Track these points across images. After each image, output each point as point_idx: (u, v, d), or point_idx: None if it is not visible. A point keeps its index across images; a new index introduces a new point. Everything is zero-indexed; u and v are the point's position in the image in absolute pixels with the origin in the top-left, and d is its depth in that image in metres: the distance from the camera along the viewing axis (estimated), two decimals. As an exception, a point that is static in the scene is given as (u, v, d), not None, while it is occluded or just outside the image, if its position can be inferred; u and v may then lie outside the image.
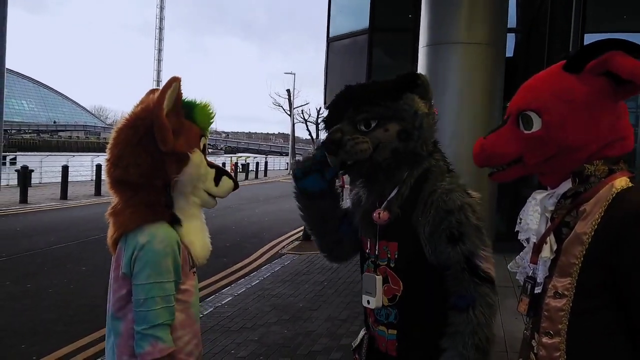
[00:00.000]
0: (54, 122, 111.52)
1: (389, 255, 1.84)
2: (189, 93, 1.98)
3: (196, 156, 1.89)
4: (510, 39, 10.21)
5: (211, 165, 1.99)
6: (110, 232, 1.90)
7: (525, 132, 1.44)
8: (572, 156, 1.40)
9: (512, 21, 10.42)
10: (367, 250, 1.95)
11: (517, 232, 1.62)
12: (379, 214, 1.83)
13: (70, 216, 12.80)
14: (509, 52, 9.86)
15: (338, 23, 12.38)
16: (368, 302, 1.86)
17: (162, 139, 1.79)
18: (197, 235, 1.96)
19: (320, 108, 49.05)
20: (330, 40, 12.28)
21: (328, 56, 12.32)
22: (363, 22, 11.25)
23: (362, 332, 2.01)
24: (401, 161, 1.81)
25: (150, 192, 1.84)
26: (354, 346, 2.02)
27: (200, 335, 2.01)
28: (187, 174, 1.86)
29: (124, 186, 1.87)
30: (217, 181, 1.98)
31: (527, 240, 1.54)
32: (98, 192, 17.09)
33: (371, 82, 1.94)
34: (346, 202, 2.10)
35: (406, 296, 1.80)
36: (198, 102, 1.96)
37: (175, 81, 1.83)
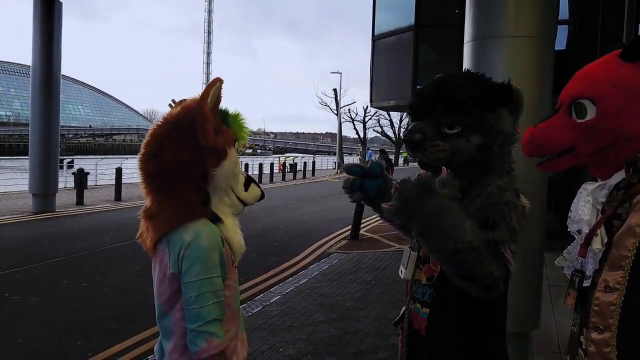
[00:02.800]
0: (89, 126, 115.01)
1: None
2: (238, 94, 2.02)
3: (233, 154, 1.93)
4: (562, 31, 9.92)
5: (242, 172, 2.04)
6: (149, 235, 1.91)
7: (578, 120, 1.41)
8: (627, 146, 1.36)
9: (563, 13, 10.13)
10: None
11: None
12: None
13: (124, 217, 13.15)
14: (561, 45, 9.60)
15: (383, 21, 12.30)
16: (401, 272, 2.00)
17: (203, 131, 1.82)
18: (234, 233, 1.99)
19: (367, 107, 49.01)
20: (375, 39, 12.21)
21: (373, 54, 12.26)
22: (408, 19, 11.14)
23: (403, 308, 2.09)
24: (474, 166, 1.86)
25: (188, 188, 1.86)
26: (395, 320, 2.12)
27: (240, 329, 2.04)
28: (225, 169, 1.89)
29: (159, 181, 1.89)
30: (246, 188, 2.02)
31: (579, 232, 1.50)
32: (150, 193, 17.48)
33: (467, 79, 1.92)
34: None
35: (442, 277, 1.83)
36: (231, 111, 2.00)
37: (219, 81, 1.86)
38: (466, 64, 3.83)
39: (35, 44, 13.32)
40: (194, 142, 1.83)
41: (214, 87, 1.84)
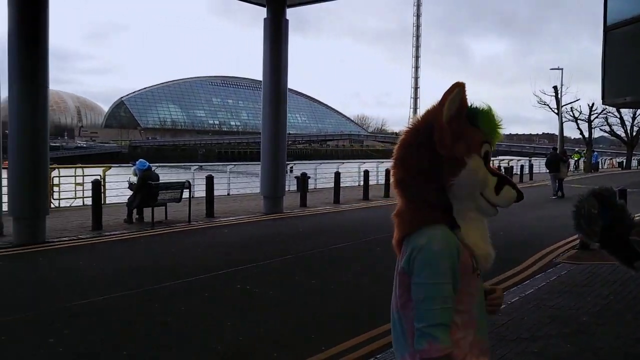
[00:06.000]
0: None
1: None
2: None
3: (474, 162, 1.88)
4: None
5: (494, 173, 1.95)
6: (395, 233, 1.97)
7: None
8: None
9: None
10: None
11: None
12: None
13: (344, 219, 13.83)
14: None
15: (617, 8, 11.15)
16: None
17: (440, 141, 1.84)
18: (478, 238, 1.94)
19: (592, 104, 44.89)
20: (608, 29, 11.12)
21: (605, 46, 11.17)
22: (650, 3, 9.95)
23: None
24: None
25: (429, 195, 1.88)
26: None
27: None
28: (463, 178, 1.86)
29: (405, 186, 1.94)
30: (498, 190, 1.93)
31: None
32: (366, 196, 18.15)
33: None
34: None
35: None
36: (482, 107, 1.95)
37: (457, 87, 1.85)
38: None
39: (265, 59, 14.63)
40: (432, 151, 1.85)
41: (451, 94, 1.83)
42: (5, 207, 10.86)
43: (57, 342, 5.18)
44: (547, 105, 45.21)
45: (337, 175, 17.78)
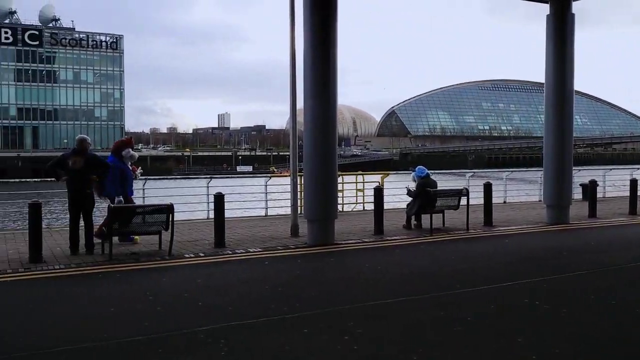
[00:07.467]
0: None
1: None
2: None
3: None
4: None
5: None
6: None
7: None
8: None
9: None
10: None
11: None
12: None
13: (644, 233, 12.19)
14: None
15: None
16: None
17: None
18: None
19: None
20: None
21: None
22: None
23: None
24: None
25: None
26: None
27: None
28: None
29: None
30: None
31: None
32: (671, 208, 15.78)
33: None
34: None
35: None
36: None
37: None
38: None
39: (548, 59, 13.70)
40: None
41: None
42: (299, 211, 12.19)
43: (352, 340, 5.45)
44: None
45: (634, 182, 15.80)
